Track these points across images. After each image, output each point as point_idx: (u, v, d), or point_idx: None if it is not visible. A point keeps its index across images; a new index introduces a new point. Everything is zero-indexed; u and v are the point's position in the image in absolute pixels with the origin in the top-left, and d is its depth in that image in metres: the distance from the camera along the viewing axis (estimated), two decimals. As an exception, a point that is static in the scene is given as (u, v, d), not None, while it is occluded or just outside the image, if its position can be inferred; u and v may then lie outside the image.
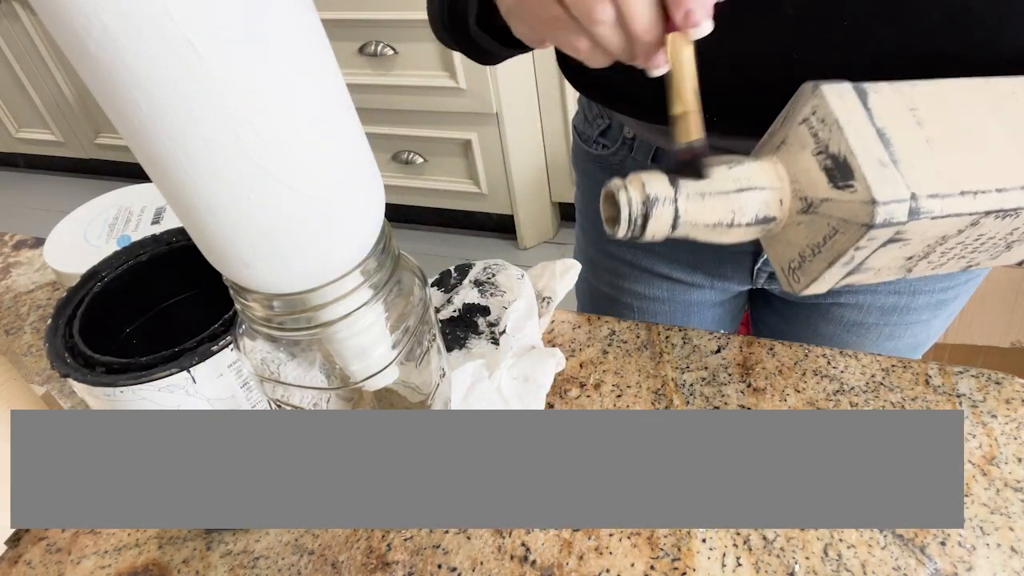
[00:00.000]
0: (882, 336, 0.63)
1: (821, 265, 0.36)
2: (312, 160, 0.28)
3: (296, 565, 0.43)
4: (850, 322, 0.63)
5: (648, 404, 0.49)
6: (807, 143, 0.35)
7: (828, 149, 0.34)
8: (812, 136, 0.34)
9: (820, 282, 0.37)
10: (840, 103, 0.34)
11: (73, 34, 0.23)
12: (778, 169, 0.36)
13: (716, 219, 0.35)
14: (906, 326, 0.62)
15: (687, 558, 0.40)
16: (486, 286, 0.53)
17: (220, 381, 0.38)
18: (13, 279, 0.70)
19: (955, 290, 0.59)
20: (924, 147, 0.33)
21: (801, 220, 0.35)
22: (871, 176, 0.32)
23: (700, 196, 0.35)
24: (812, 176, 0.34)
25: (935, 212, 0.32)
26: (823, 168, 0.34)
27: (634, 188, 0.35)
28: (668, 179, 0.35)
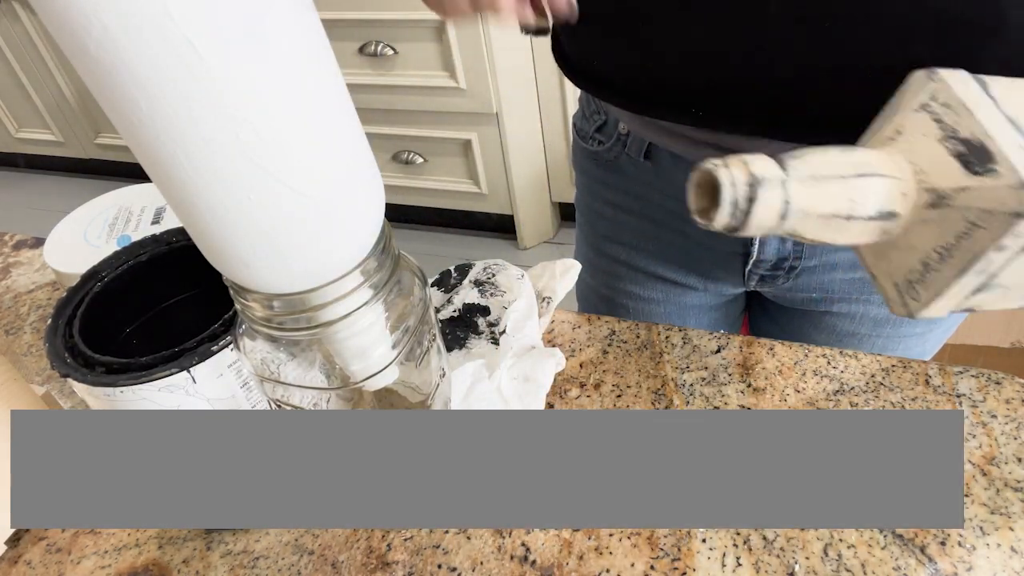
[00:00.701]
0: (875, 348, 0.62)
1: (950, 273, 0.31)
2: (312, 160, 0.28)
3: (296, 565, 0.43)
4: (843, 332, 0.62)
5: (648, 404, 0.49)
6: (930, 130, 0.31)
7: (958, 134, 0.30)
8: (936, 122, 0.31)
9: (944, 299, 0.32)
10: (965, 88, 0.31)
11: (73, 34, 0.23)
12: (896, 160, 0.32)
13: (832, 209, 0.31)
14: (899, 339, 0.62)
15: (687, 558, 0.40)
16: (486, 286, 0.53)
17: (220, 381, 0.38)
18: (13, 279, 0.70)
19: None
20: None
21: (928, 217, 0.31)
22: (1015, 158, 0.28)
23: (813, 179, 0.31)
24: (941, 165, 0.30)
25: None
26: (955, 155, 0.30)
27: (737, 168, 0.30)
28: (776, 161, 0.31)
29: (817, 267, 0.57)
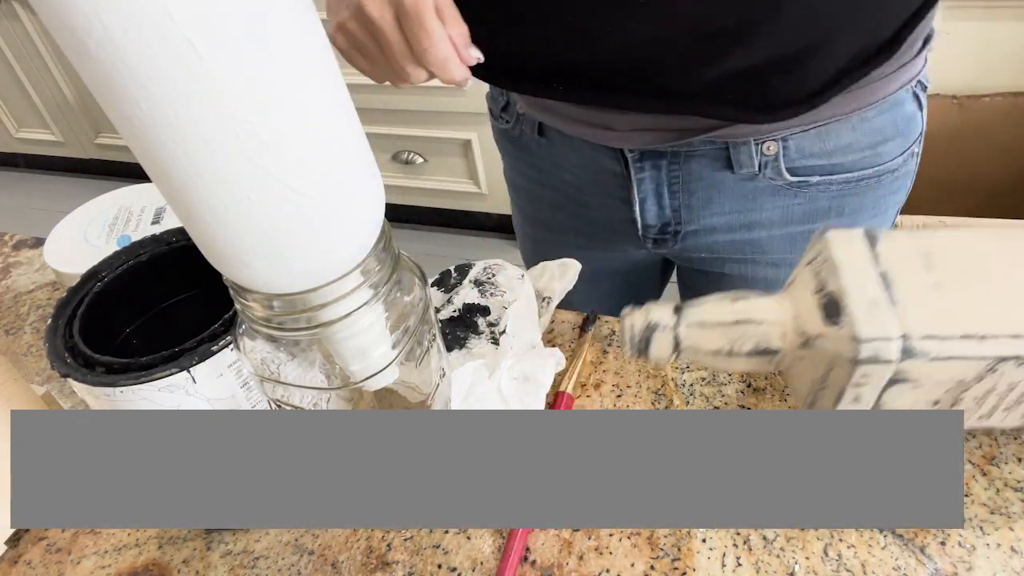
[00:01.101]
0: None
1: (830, 399, 0.37)
2: (312, 160, 0.28)
3: (296, 565, 0.43)
4: (737, 287, 0.66)
5: (648, 404, 0.49)
6: (810, 283, 0.37)
7: (826, 288, 0.36)
8: (815, 276, 0.37)
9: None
10: (844, 247, 0.37)
11: (73, 34, 0.23)
12: (783, 306, 0.38)
13: (716, 347, 0.39)
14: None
15: (687, 558, 0.40)
16: (486, 286, 0.53)
17: (220, 381, 0.38)
18: (13, 279, 0.70)
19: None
20: (930, 290, 0.35)
21: (803, 355, 0.37)
22: (858, 314, 0.34)
23: (700, 325, 0.39)
24: (811, 313, 0.37)
25: (933, 353, 0.33)
26: (820, 306, 0.36)
27: (639, 316, 0.39)
28: (672, 308, 0.39)
29: (699, 231, 0.62)
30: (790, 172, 0.56)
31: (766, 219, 0.60)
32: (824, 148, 0.55)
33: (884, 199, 0.60)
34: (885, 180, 0.59)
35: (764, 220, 0.60)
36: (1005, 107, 1.50)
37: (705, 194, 0.59)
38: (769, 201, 0.58)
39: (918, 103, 0.58)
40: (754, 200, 0.58)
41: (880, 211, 0.61)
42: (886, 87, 0.54)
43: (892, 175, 0.59)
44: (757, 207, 0.59)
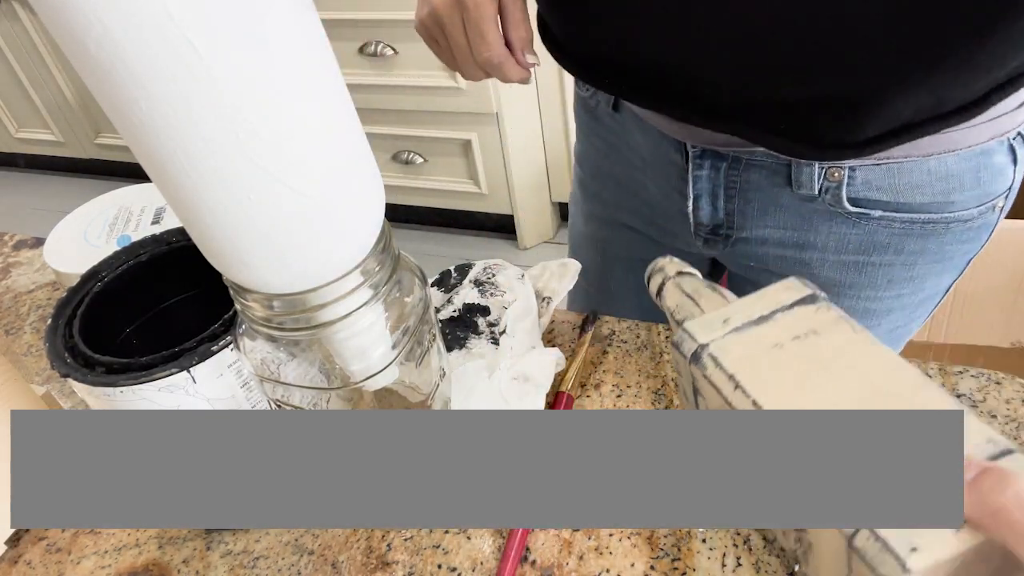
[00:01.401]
0: None
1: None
2: (312, 160, 0.28)
3: (296, 565, 0.43)
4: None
5: (648, 404, 0.49)
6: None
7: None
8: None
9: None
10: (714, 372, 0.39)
11: (73, 34, 0.23)
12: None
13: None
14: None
15: (687, 558, 0.40)
16: (486, 286, 0.53)
17: (220, 381, 0.38)
18: (13, 279, 0.70)
19: (881, 302, 0.59)
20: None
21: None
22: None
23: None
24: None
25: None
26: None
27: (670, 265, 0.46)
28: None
29: (750, 239, 0.60)
30: (851, 202, 0.53)
31: (820, 242, 0.57)
32: (892, 184, 0.52)
33: (950, 247, 0.56)
34: (955, 229, 0.54)
35: (818, 243, 0.57)
36: (1005, 107, 1.50)
37: (761, 205, 0.57)
38: (825, 225, 0.55)
39: (1013, 156, 0.52)
40: (810, 221, 0.56)
41: (944, 258, 0.57)
42: (969, 137, 0.50)
43: (964, 225, 0.54)
44: (812, 229, 0.56)
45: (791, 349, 0.36)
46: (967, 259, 0.59)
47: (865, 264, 0.57)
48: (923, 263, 0.56)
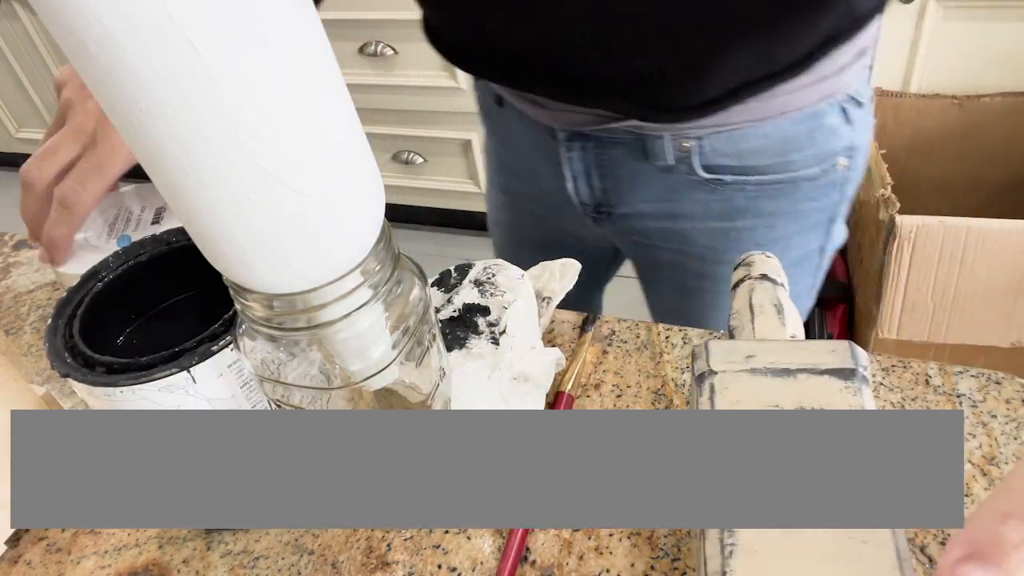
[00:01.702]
0: (707, 306, 0.69)
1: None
2: (312, 160, 0.28)
3: (296, 565, 0.43)
4: (674, 281, 0.71)
5: (648, 404, 0.49)
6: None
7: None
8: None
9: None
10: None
11: (73, 34, 0.23)
12: None
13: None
14: (714, 294, 0.68)
15: (687, 558, 0.40)
16: (486, 286, 0.53)
17: (220, 381, 0.38)
18: (13, 279, 0.70)
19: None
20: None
21: None
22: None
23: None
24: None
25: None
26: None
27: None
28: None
29: (629, 214, 0.65)
30: (705, 169, 0.59)
31: (687, 211, 0.63)
32: (735, 150, 0.58)
33: (803, 206, 0.62)
34: (803, 187, 0.60)
35: (687, 212, 0.63)
36: (1005, 107, 1.50)
37: (629, 180, 0.62)
38: (688, 194, 0.61)
39: (845, 117, 0.58)
40: (674, 191, 0.61)
41: (800, 217, 0.62)
42: (799, 100, 0.55)
43: (811, 183, 0.60)
44: (678, 198, 0.62)
45: None
46: (826, 217, 0.64)
47: (731, 229, 0.63)
48: (783, 224, 0.62)
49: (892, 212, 1.21)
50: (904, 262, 1.24)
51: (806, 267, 0.67)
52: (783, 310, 0.41)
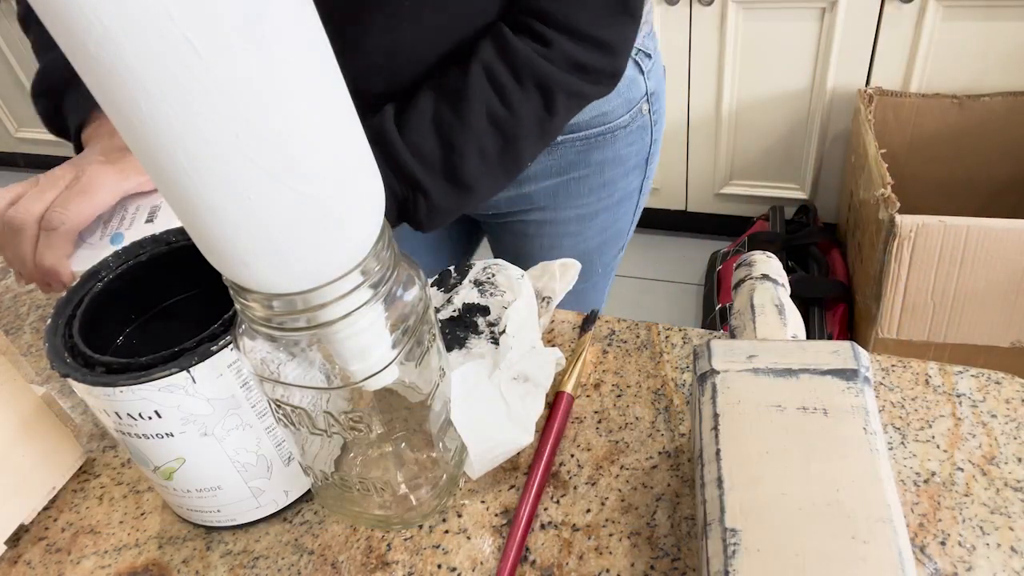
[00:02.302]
0: (544, 248, 0.77)
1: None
2: (312, 160, 0.28)
3: (296, 565, 0.43)
4: (517, 232, 0.77)
5: (648, 404, 0.49)
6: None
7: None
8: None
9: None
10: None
11: (73, 34, 0.23)
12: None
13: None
14: (559, 237, 0.77)
15: (687, 558, 0.40)
16: (486, 286, 0.53)
17: (220, 381, 0.38)
18: (13, 279, 0.70)
19: (589, 207, 0.75)
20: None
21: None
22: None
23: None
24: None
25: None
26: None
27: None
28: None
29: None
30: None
31: (530, 174, 0.71)
32: None
33: (624, 151, 0.72)
34: (619, 135, 0.70)
35: (528, 175, 0.71)
36: (1005, 107, 1.50)
37: None
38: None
39: (639, 68, 0.69)
40: None
41: (622, 161, 0.72)
42: None
43: (625, 131, 0.70)
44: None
45: (789, 417, 0.35)
46: (642, 158, 0.75)
47: (569, 180, 0.72)
48: (609, 169, 0.72)
49: (892, 212, 1.21)
50: (904, 262, 1.24)
51: (628, 205, 0.78)
52: (784, 310, 0.41)
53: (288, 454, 0.43)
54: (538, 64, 0.51)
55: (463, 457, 0.45)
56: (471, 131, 0.52)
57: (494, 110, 0.52)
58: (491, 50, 0.52)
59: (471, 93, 0.52)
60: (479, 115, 0.52)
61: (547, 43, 0.52)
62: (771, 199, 1.83)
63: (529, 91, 0.52)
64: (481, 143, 0.53)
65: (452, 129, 0.52)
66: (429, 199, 0.54)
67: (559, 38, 0.52)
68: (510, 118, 0.53)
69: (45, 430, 0.47)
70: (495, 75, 0.52)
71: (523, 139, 0.54)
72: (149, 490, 0.49)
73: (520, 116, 0.53)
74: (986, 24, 1.45)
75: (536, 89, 0.52)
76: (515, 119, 0.53)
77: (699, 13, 1.59)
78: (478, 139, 0.53)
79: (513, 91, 0.52)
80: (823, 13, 1.52)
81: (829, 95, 1.61)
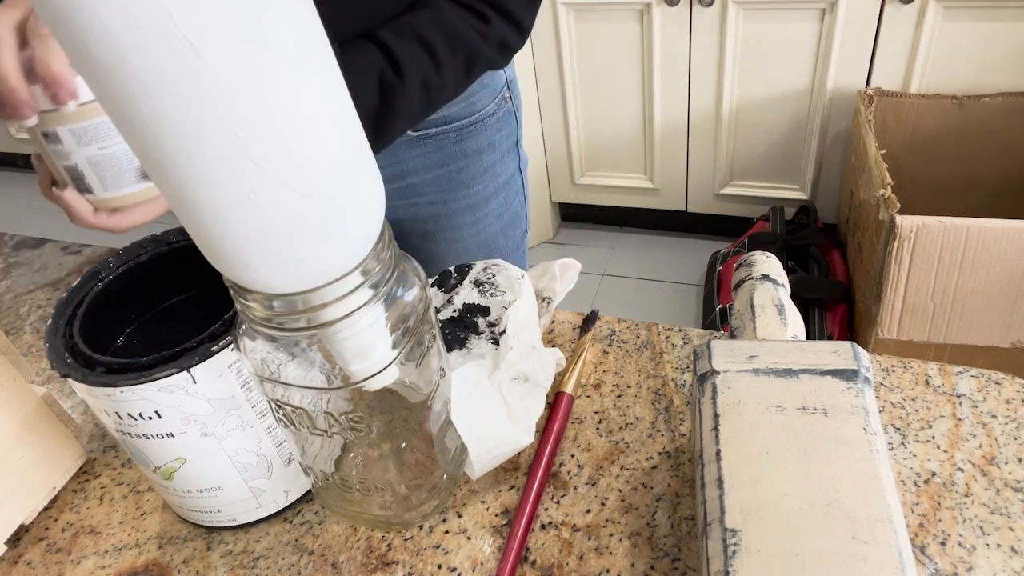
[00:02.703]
0: (448, 241, 0.79)
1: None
2: (312, 160, 0.28)
3: (296, 565, 0.43)
4: (416, 231, 0.79)
5: (648, 404, 0.49)
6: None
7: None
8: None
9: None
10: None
11: (73, 34, 0.23)
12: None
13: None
14: (459, 229, 0.79)
15: (687, 558, 0.40)
16: (486, 286, 0.53)
17: (220, 381, 0.38)
18: (13, 279, 0.70)
19: (476, 195, 0.77)
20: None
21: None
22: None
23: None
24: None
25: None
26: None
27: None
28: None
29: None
30: (413, 129, 0.69)
31: (412, 167, 0.73)
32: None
33: (496, 137, 0.75)
34: (489, 123, 0.73)
35: (411, 168, 0.73)
36: (1005, 107, 1.50)
37: None
38: (406, 153, 0.71)
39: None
40: (395, 154, 0.71)
41: (496, 147, 0.75)
42: None
43: (493, 118, 0.74)
44: (401, 159, 0.72)
45: (789, 417, 0.35)
46: (513, 142, 0.78)
47: (451, 172, 0.74)
48: (488, 157, 0.75)
49: (892, 212, 1.21)
50: (904, 262, 1.24)
51: (514, 186, 0.81)
52: (784, 310, 0.41)
53: (288, 454, 0.43)
54: (474, 43, 0.57)
55: (463, 457, 0.45)
56: (408, 98, 0.57)
57: (428, 79, 0.57)
58: (435, 29, 0.56)
59: (414, 63, 0.56)
60: (415, 84, 0.57)
61: (486, 21, 0.57)
62: (771, 199, 1.83)
63: (458, 62, 0.58)
64: (411, 107, 0.58)
65: (394, 92, 0.56)
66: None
67: (497, 19, 0.57)
68: (440, 86, 0.58)
69: (45, 430, 0.47)
70: (435, 50, 0.57)
71: (440, 103, 0.60)
72: (149, 490, 0.49)
73: (447, 84, 0.59)
74: (986, 24, 1.45)
75: (464, 61, 0.58)
76: (443, 86, 0.59)
77: (699, 13, 1.59)
78: (411, 105, 0.58)
79: (446, 62, 0.57)
80: (823, 14, 1.52)
81: (829, 95, 1.61)
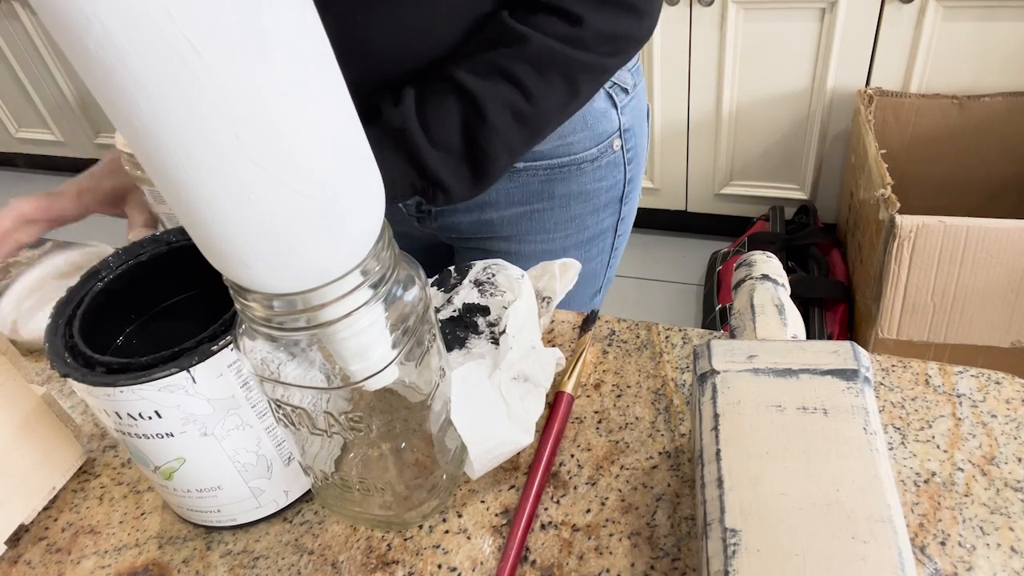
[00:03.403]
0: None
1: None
2: (312, 160, 0.28)
3: (296, 565, 0.43)
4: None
5: (648, 404, 0.49)
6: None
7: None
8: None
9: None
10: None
11: (73, 34, 0.23)
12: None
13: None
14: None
15: (687, 558, 0.40)
16: (486, 286, 0.53)
17: (220, 381, 0.38)
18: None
19: (553, 243, 0.72)
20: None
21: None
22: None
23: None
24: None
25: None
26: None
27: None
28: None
29: (444, 211, 0.70)
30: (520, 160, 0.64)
31: (492, 200, 0.68)
32: None
33: (591, 186, 0.69)
34: (586, 169, 0.67)
35: (491, 201, 0.68)
36: (1005, 107, 1.50)
37: None
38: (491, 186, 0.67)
39: (612, 102, 0.66)
40: None
41: (590, 198, 0.69)
42: None
43: (592, 165, 0.67)
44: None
45: (789, 417, 0.35)
46: (614, 197, 0.71)
47: (532, 212, 0.69)
48: (576, 204, 0.69)
49: (892, 212, 1.21)
50: (904, 262, 1.24)
51: (601, 244, 0.75)
52: (784, 310, 0.41)
53: (288, 454, 0.43)
54: (567, 55, 0.50)
55: (463, 457, 0.45)
56: (497, 133, 0.52)
57: (518, 107, 0.51)
58: (516, 56, 0.51)
59: (497, 98, 0.51)
60: (503, 116, 0.51)
61: (577, 21, 0.50)
62: (771, 199, 1.83)
63: (553, 82, 0.51)
64: (509, 142, 0.53)
65: (479, 132, 0.52)
66: (449, 194, 0.54)
67: (593, 15, 0.50)
68: (536, 112, 0.52)
69: (45, 430, 0.47)
70: (519, 79, 0.51)
71: (549, 127, 0.54)
72: (149, 490, 0.49)
73: (545, 108, 0.52)
74: (986, 24, 1.45)
75: (561, 77, 0.51)
76: (540, 112, 0.52)
77: (699, 13, 1.59)
78: (505, 140, 0.52)
79: (536, 85, 0.51)
80: (823, 13, 1.52)
81: (829, 95, 1.61)
